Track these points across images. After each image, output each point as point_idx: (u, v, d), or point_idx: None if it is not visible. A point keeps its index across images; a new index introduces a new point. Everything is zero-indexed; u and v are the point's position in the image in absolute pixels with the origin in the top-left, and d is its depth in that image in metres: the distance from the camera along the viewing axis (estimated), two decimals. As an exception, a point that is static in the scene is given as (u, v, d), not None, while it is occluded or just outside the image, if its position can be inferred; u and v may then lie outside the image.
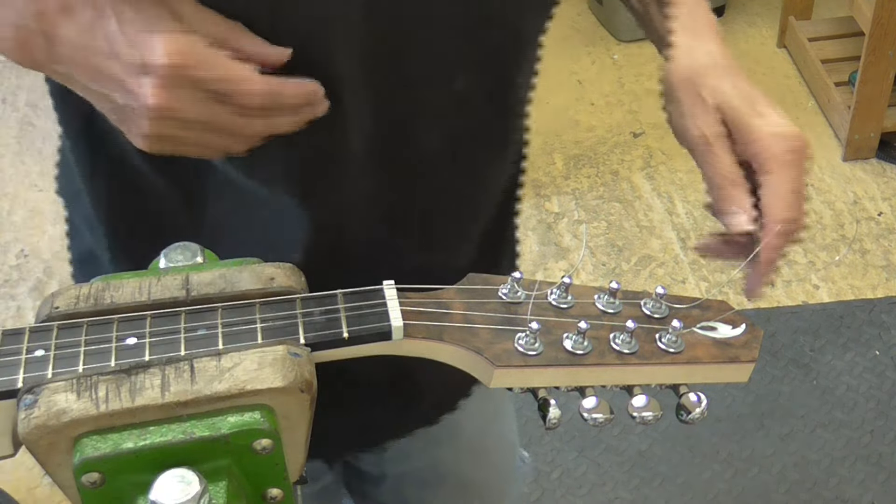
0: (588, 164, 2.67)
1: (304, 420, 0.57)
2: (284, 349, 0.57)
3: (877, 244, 2.45)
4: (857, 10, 2.51)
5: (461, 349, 0.61)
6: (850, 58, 2.72)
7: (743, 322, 0.67)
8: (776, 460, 2.01)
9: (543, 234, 2.49)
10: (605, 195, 2.59)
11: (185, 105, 0.61)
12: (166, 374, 0.55)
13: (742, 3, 3.18)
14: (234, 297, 0.61)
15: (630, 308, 0.66)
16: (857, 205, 2.54)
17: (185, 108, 0.61)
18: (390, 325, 0.61)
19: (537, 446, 2.03)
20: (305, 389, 0.56)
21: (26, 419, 0.53)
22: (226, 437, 0.54)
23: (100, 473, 0.53)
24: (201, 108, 0.62)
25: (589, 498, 1.96)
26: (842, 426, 2.06)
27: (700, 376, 0.65)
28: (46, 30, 0.61)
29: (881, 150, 2.63)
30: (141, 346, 0.58)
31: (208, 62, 0.61)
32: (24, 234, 2.50)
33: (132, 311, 0.60)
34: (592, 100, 2.86)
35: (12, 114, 2.83)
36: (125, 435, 0.53)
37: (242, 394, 0.54)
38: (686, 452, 2.02)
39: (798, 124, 0.68)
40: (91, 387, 0.54)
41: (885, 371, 2.16)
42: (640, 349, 0.63)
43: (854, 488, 1.96)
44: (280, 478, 0.57)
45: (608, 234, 2.49)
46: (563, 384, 0.63)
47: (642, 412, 0.63)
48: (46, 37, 0.61)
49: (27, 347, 0.57)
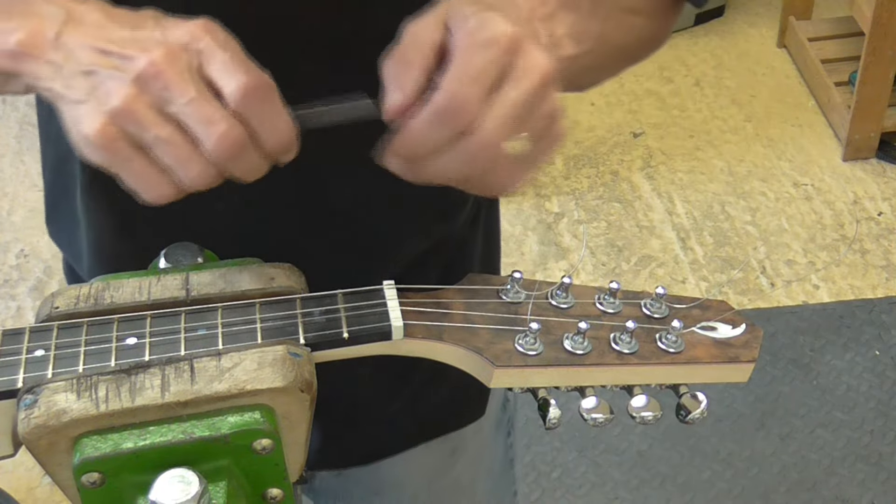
0: (588, 164, 2.67)
1: (304, 420, 0.57)
2: (284, 349, 0.57)
3: (877, 244, 2.45)
4: (857, 10, 2.51)
5: (461, 349, 0.61)
6: (850, 58, 2.72)
7: (743, 322, 0.67)
8: (776, 460, 2.01)
9: (543, 234, 2.49)
10: (604, 195, 2.59)
11: (174, 84, 0.57)
12: (166, 374, 0.55)
13: (742, 3, 3.18)
14: (234, 297, 0.61)
15: (630, 308, 0.66)
16: (857, 205, 2.54)
17: (173, 87, 0.57)
18: (390, 325, 0.61)
19: (537, 446, 2.03)
20: (305, 389, 0.56)
21: (26, 419, 0.53)
22: (226, 437, 0.54)
23: (100, 473, 0.53)
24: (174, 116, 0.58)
25: (589, 498, 1.96)
26: (842, 426, 2.06)
27: (700, 376, 0.65)
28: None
29: (881, 150, 2.63)
30: (141, 346, 0.58)
31: (225, 52, 0.58)
32: (24, 234, 2.50)
33: (132, 311, 0.60)
34: (592, 100, 2.86)
35: (12, 114, 2.83)
36: (125, 435, 0.53)
37: (242, 394, 0.54)
38: (686, 452, 2.02)
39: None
40: (91, 387, 0.54)
41: (885, 371, 2.16)
42: (640, 349, 0.63)
43: (854, 488, 1.96)
44: (280, 478, 0.57)
45: (608, 234, 2.49)
46: (563, 384, 0.63)
47: (642, 412, 0.63)
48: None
49: (27, 347, 0.57)
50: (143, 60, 0.57)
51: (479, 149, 0.58)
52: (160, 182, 0.59)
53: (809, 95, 2.82)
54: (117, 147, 0.57)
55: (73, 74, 0.58)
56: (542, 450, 2.02)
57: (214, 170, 0.58)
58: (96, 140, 0.57)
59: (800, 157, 2.67)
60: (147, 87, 0.57)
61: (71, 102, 0.59)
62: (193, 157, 0.58)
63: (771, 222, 2.50)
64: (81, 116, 0.58)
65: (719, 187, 2.59)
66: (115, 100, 0.57)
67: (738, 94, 2.84)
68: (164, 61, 0.57)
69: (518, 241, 2.46)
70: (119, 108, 0.57)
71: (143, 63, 0.57)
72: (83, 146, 0.58)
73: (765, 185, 2.60)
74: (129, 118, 0.57)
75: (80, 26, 0.60)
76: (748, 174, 2.63)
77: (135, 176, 0.59)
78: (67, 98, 0.59)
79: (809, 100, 2.81)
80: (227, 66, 0.58)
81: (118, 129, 0.57)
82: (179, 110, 0.57)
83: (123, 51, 0.58)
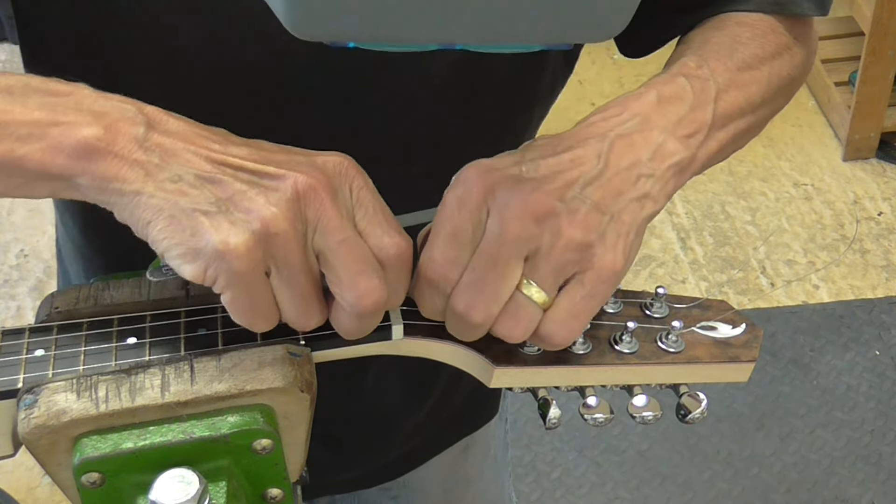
0: (588, 164, 2.67)
1: (304, 420, 0.57)
2: (284, 349, 0.57)
3: (877, 244, 2.45)
4: (857, 10, 2.51)
5: (461, 348, 0.61)
6: (850, 58, 2.72)
7: (743, 322, 0.67)
8: (776, 460, 2.01)
9: (543, 234, 2.49)
10: (605, 195, 2.59)
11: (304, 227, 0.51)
12: (166, 374, 0.55)
13: (742, 3, 3.18)
14: (234, 297, 0.61)
15: (630, 308, 0.66)
16: (857, 205, 2.54)
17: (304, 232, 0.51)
18: (390, 324, 0.61)
19: (537, 446, 2.03)
20: (305, 389, 0.56)
21: (26, 419, 0.53)
22: (226, 437, 0.54)
23: (100, 473, 0.53)
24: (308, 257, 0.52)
25: (589, 498, 1.96)
26: (842, 426, 2.06)
27: (700, 376, 0.65)
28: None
29: (881, 150, 2.63)
30: (141, 346, 0.58)
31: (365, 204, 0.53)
32: (24, 234, 2.50)
33: (132, 311, 0.60)
34: (592, 100, 2.85)
35: (12, 114, 2.83)
36: (125, 435, 0.53)
37: (242, 394, 0.54)
38: (686, 452, 2.02)
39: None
40: (91, 387, 0.54)
41: (885, 371, 2.16)
42: (640, 349, 0.63)
43: (854, 488, 1.96)
44: (280, 478, 0.57)
45: (608, 234, 2.48)
46: (563, 384, 0.63)
47: (642, 412, 0.63)
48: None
49: (27, 347, 0.57)
50: (299, 179, 0.51)
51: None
52: (269, 316, 0.54)
53: (809, 95, 2.82)
54: (256, 271, 0.51)
55: (194, 182, 0.51)
56: (542, 450, 2.02)
57: (324, 318, 0.54)
58: (238, 257, 0.50)
59: (800, 157, 2.67)
60: (302, 213, 0.51)
61: (192, 211, 0.50)
62: (316, 307, 0.54)
63: (771, 222, 2.50)
64: (213, 228, 0.50)
65: (719, 187, 2.59)
66: (264, 216, 0.50)
67: (738, 94, 2.84)
68: (325, 189, 0.51)
69: (518, 241, 2.46)
70: (270, 230, 0.50)
71: (302, 182, 0.51)
72: (210, 259, 0.50)
73: (765, 185, 2.60)
74: (277, 243, 0.51)
75: (169, 134, 0.52)
76: (748, 174, 2.63)
77: (254, 306, 0.53)
78: (183, 206, 0.51)
79: (809, 100, 2.81)
80: (383, 219, 0.54)
81: (263, 252, 0.51)
82: (329, 247, 0.52)
83: (264, 168, 0.52)
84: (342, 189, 0.53)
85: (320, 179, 0.52)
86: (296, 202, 0.51)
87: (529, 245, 0.54)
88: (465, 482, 1.06)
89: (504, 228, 0.54)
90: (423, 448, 0.98)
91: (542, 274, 0.55)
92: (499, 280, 0.54)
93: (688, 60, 0.64)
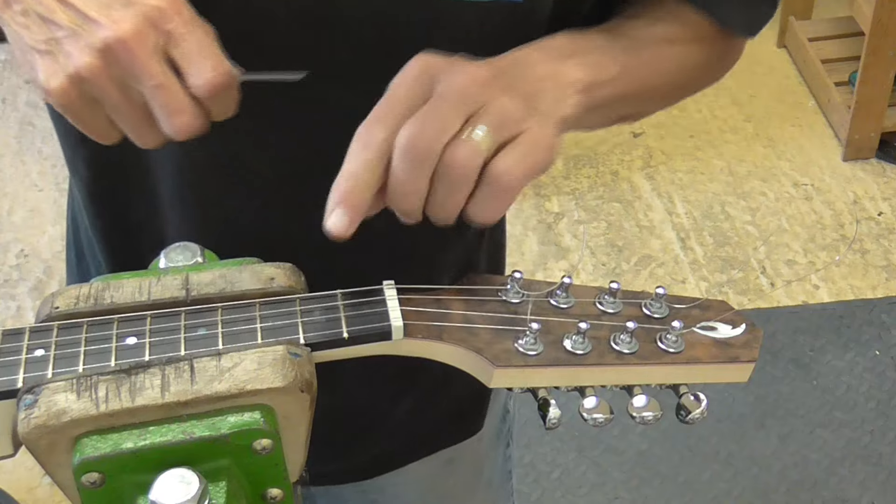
0: (588, 164, 2.67)
1: (304, 420, 0.57)
2: (284, 349, 0.57)
3: (877, 244, 2.45)
4: (857, 10, 2.51)
5: (461, 349, 0.61)
6: (850, 58, 2.72)
7: (743, 322, 0.67)
8: (776, 460, 2.01)
9: (543, 234, 2.49)
10: (604, 195, 2.59)
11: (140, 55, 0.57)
12: (166, 374, 0.55)
13: (742, 3, 3.18)
14: (233, 297, 0.61)
15: (630, 308, 0.66)
16: (857, 205, 2.54)
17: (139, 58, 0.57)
18: (390, 325, 0.61)
19: (537, 446, 2.03)
20: (305, 389, 0.56)
21: (26, 419, 0.53)
22: (226, 437, 0.54)
23: (100, 473, 0.53)
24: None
25: (589, 498, 1.96)
26: (842, 426, 2.06)
27: (700, 376, 0.65)
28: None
29: (881, 150, 2.63)
30: (141, 346, 0.58)
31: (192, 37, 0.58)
32: (24, 234, 2.50)
33: (132, 311, 0.60)
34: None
35: (12, 114, 2.83)
36: (125, 435, 0.53)
37: (242, 394, 0.54)
38: (686, 452, 2.02)
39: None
40: (91, 387, 0.54)
41: (885, 371, 2.16)
42: (640, 349, 0.63)
43: (854, 488, 1.96)
44: (280, 478, 0.57)
45: (608, 234, 2.49)
46: (563, 384, 0.63)
47: (642, 412, 0.63)
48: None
49: (27, 347, 0.57)
50: (109, 31, 0.56)
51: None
52: (112, 135, 0.61)
53: (809, 95, 2.82)
54: (76, 106, 0.58)
55: (36, 19, 0.58)
56: (542, 450, 2.02)
57: (164, 139, 0.61)
58: (56, 97, 0.58)
59: (800, 157, 2.67)
60: (113, 61, 0.57)
61: (30, 48, 0.58)
62: (148, 130, 0.60)
63: (771, 222, 2.50)
64: (42, 68, 0.58)
65: (719, 187, 2.59)
66: (77, 64, 0.56)
67: (738, 93, 2.84)
68: (133, 39, 0.57)
69: (518, 240, 2.46)
70: (82, 75, 0.57)
71: (110, 35, 0.56)
72: (42, 94, 0.59)
73: (765, 185, 2.60)
74: (91, 86, 0.57)
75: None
76: (748, 174, 2.63)
77: (90, 129, 0.61)
78: (26, 41, 0.58)
79: (809, 100, 2.81)
80: (196, 54, 0.58)
81: (79, 92, 0.57)
82: (144, 90, 0.58)
83: (88, 11, 0.57)
84: (156, 34, 0.57)
85: (130, 27, 0.56)
86: (107, 51, 0.56)
87: (472, 102, 0.59)
88: (450, 499, 1.05)
89: (449, 87, 0.59)
90: (398, 452, 0.97)
91: (483, 125, 0.59)
92: (445, 118, 0.58)
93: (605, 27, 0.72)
